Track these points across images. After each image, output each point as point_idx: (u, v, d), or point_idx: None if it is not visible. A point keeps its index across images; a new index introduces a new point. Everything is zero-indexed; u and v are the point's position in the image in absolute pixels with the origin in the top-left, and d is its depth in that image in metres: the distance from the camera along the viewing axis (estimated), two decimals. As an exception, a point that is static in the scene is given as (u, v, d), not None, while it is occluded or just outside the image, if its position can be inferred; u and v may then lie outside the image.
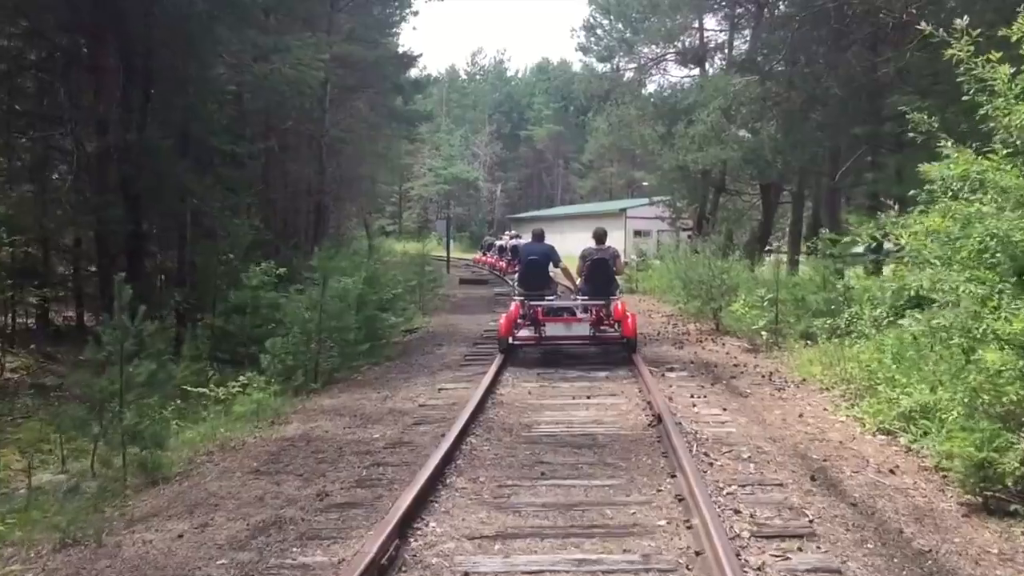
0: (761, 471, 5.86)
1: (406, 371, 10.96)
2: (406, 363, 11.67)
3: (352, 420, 7.91)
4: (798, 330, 11.71)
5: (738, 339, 13.04)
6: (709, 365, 10.80)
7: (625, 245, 47.14)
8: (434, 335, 15.00)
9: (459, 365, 11.21)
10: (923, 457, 6.17)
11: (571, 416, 7.80)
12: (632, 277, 25.17)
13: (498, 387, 9.31)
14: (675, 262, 20.64)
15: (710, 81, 18.11)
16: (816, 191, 21.06)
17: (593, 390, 9.10)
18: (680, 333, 14.22)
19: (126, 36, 12.08)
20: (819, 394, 8.75)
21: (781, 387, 9.20)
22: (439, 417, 7.80)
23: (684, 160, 22.01)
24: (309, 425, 7.72)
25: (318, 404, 8.82)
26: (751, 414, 7.82)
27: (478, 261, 40.22)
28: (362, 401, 8.87)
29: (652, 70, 29.44)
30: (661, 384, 9.24)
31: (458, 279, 30.44)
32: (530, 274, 11.60)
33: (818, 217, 21.66)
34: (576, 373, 10.22)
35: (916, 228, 6.32)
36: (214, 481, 6.04)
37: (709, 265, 14.20)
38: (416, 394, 9.16)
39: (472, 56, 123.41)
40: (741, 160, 18.70)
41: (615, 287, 11.48)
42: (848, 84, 14.20)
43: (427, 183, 75.47)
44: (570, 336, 11.05)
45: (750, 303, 12.42)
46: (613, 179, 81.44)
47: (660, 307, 19.26)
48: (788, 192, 28.51)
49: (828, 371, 9.34)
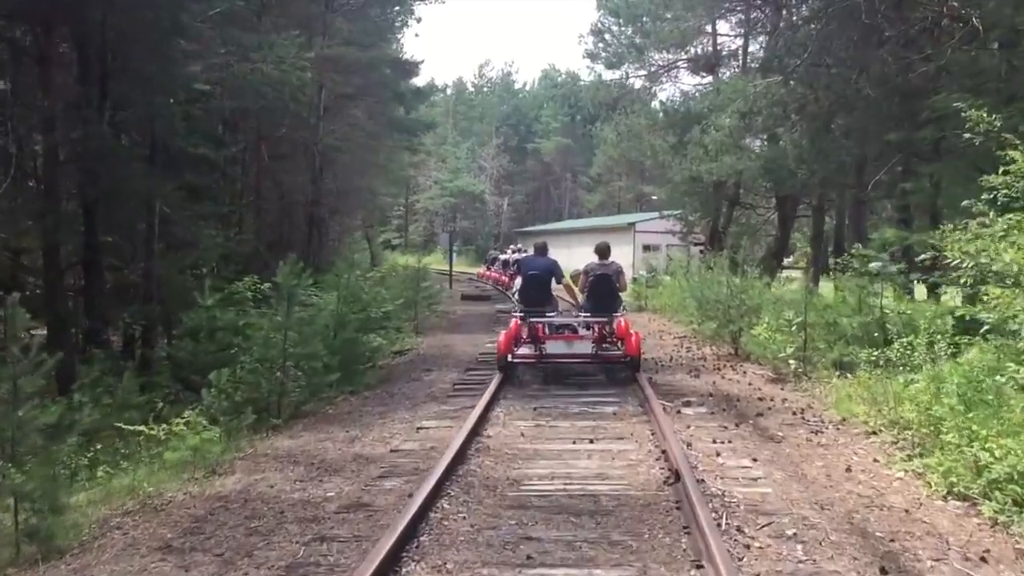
0: (813, 557, 4.51)
1: (385, 402, 9.64)
2: (387, 392, 10.35)
3: (307, 470, 6.58)
4: (829, 358, 10.35)
5: (760, 366, 11.68)
6: (731, 399, 9.45)
7: (634, 260, 45.88)
8: (425, 358, 13.69)
9: (447, 396, 9.89)
10: (1017, 538, 4.82)
11: (570, 467, 6.46)
12: (641, 294, 23.84)
13: (486, 426, 7.98)
14: (688, 279, 19.31)
15: (728, 84, 16.80)
16: (840, 204, 19.68)
17: (597, 431, 7.75)
18: (695, 358, 12.87)
19: (81, 25, 10.85)
20: (865, 440, 7.38)
21: (818, 429, 7.84)
22: (411, 468, 6.47)
23: (697, 171, 20.73)
24: (253, 477, 6.40)
25: (273, 446, 7.50)
26: (787, 466, 6.47)
27: (482, 276, 38.94)
28: (326, 443, 7.55)
29: (663, 78, 28.24)
30: (677, 424, 7.90)
31: (460, 295, 29.11)
32: (531, 289, 11.08)
33: (841, 231, 20.31)
34: (578, 408, 8.88)
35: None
36: (110, 562, 4.73)
37: (727, 284, 12.85)
38: (390, 434, 7.84)
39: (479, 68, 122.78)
40: (760, 170, 17.35)
41: (618, 304, 11.01)
42: (881, 85, 12.88)
43: (433, 196, 74.49)
44: (571, 354, 10.56)
45: (775, 326, 11.07)
46: (622, 193, 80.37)
47: (672, 327, 17.91)
48: (806, 205, 27.26)
49: (872, 410, 7.99)
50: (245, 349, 8.66)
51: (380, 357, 13.66)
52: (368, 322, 12.38)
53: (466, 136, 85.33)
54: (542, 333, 10.54)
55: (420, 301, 18.47)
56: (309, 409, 9.20)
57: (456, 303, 26.62)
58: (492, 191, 79.07)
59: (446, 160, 79.96)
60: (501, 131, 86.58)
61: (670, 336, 16.23)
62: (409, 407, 9.23)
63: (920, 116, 12.80)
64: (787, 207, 25.65)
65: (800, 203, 26.83)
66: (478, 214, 77.40)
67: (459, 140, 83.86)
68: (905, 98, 13.36)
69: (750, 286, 12.92)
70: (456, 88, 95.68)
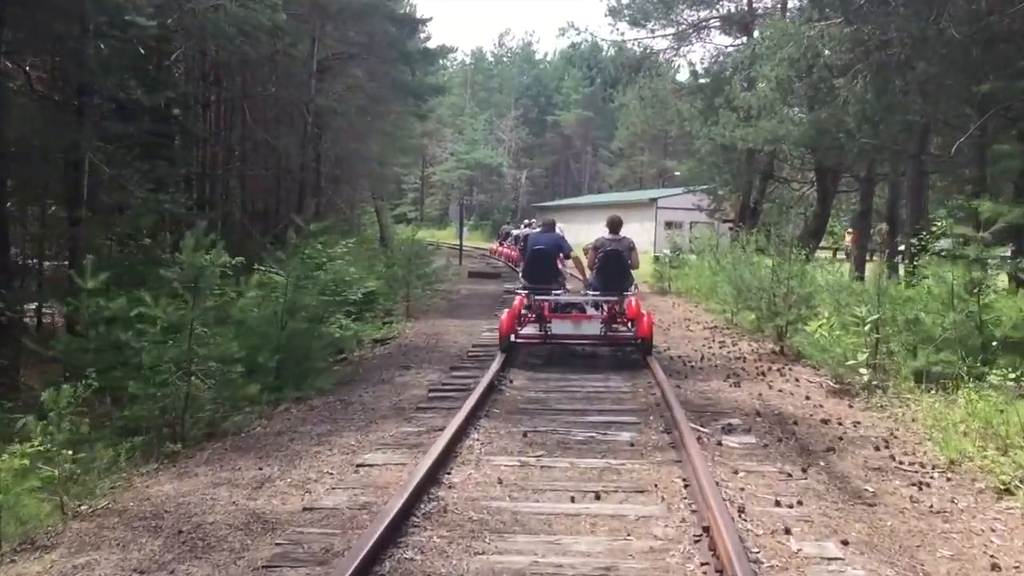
0: None
1: (334, 417, 7.43)
2: (343, 401, 8.12)
3: (163, 547, 4.36)
4: (910, 367, 8.03)
5: (815, 371, 9.36)
6: (785, 420, 7.16)
7: (656, 237, 43.52)
8: (407, 350, 11.48)
9: (415, 408, 7.67)
10: None
11: (562, 553, 4.19)
12: (664, 275, 21.47)
13: (453, 464, 5.74)
14: (717, 259, 16.94)
15: (777, 26, 14.22)
16: (894, 175, 17.17)
17: (607, 476, 5.49)
18: (732, 357, 10.56)
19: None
20: (997, 503, 5.08)
21: (922, 479, 5.53)
22: (318, 551, 4.24)
23: (731, 136, 18.25)
24: (75, 562, 4.19)
25: (144, 495, 5.28)
26: (897, 558, 4.19)
27: (495, 252, 36.68)
28: (220, 489, 5.33)
29: (692, 38, 25.57)
30: (720, 466, 5.64)
31: (468, 272, 26.87)
32: (536, 265, 10.44)
33: (895, 208, 17.82)
34: (583, 432, 6.60)
35: None
36: None
37: (773, 268, 10.51)
38: (318, 475, 5.62)
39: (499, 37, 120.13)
40: (805, 136, 14.79)
41: (630, 282, 10.27)
42: (967, 24, 10.39)
43: (449, 168, 72.29)
44: (579, 335, 10.03)
45: (837, 323, 8.75)
46: (644, 168, 77.97)
47: (699, 314, 15.59)
48: (849, 178, 24.73)
49: (993, 449, 5.70)
50: (138, 349, 6.43)
51: (354, 348, 11.53)
52: (332, 307, 10.17)
53: (484, 107, 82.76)
54: (548, 312, 9.88)
55: (414, 280, 16.20)
56: (231, 426, 7.00)
57: (462, 281, 24.47)
58: (510, 164, 76.73)
59: (463, 132, 77.62)
60: (520, 102, 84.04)
61: (698, 326, 13.93)
62: (361, 425, 7.01)
63: (1017, 64, 10.34)
64: (827, 180, 23.13)
65: (842, 176, 24.33)
66: (495, 187, 75.15)
67: (477, 111, 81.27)
68: (993, 43, 10.88)
69: (800, 271, 10.57)
70: (474, 57, 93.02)
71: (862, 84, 11.90)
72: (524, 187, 78.25)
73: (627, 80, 26.18)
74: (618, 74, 26.06)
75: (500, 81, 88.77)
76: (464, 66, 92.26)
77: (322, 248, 9.35)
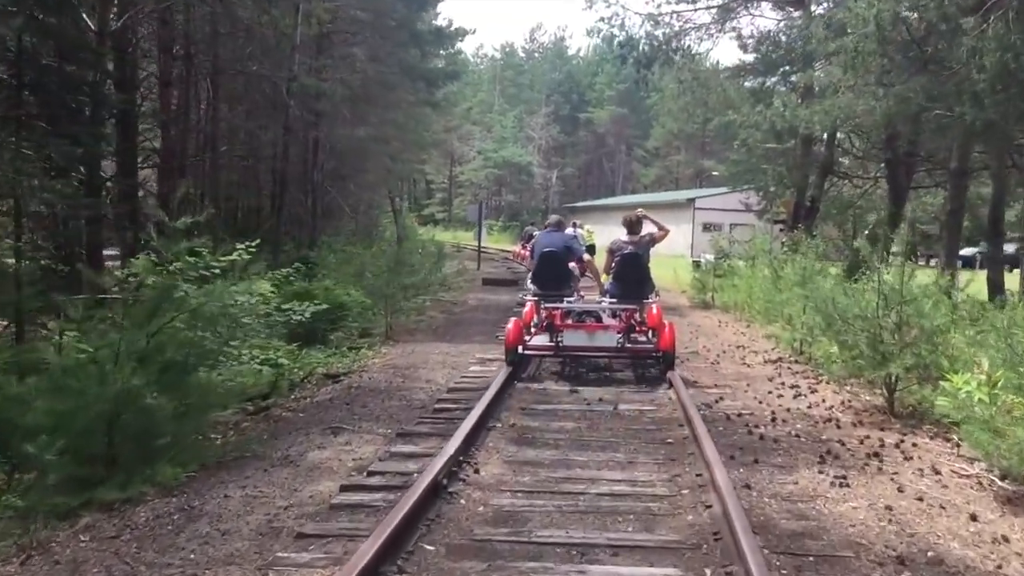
0: None
1: (145, 553, 4.24)
2: (184, 512, 4.86)
3: None
4: None
5: (953, 446, 6.04)
6: (958, 583, 3.86)
7: (693, 239, 40.28)
8: (358, 393, 8.31)
9: (295, 536, 4.45)
10: None
11: None
12: (706, 285, 18.13)
13: None
14: (775, 269, 13.57)
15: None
16: (998, 166, 13.70)
17: None
18: (820, 418, 7.19)
19: None
20: None
21: None
22: None
23: (791, 118, 14.87)
24: None
25: None
26: None
27: (517, 255, 33.50)
28: None
29: (739, 9, 22.16)
30: None
31: (482, 279, 23.68)
32: (545, 270, 9.78)
33: (1000, 203, 14.34)
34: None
35: None
36: None
37: (879, 291, 7.13)
38: None
39: (531, 32, 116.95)
40: (903, 107, 11.29)
41: (650, 288, 9.58)
42: None
43: (476, 167, 69.38)
44: (594, 347, 9.11)
45: (1001, 379, 5.40)
46: (680, 168, 74.82)
47: (755, 339, 12.26)
48: (924, 172, 21.25)
49: None
50: None
51: (284, 389, 8.44)
52: (237, 338, 6.99)
53: (513, 104, 79.75)
54: (559, 321, 9.14)
55: (395, 294, 13.01)
56: None
57: (474, 289, 21.38)
58: (540, 163, 73.68)
59: (491, 129, 74.70)
60: (552, 99, 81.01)
61: (757, 357, 10.60)
62: (174, 584, 3.82)
63: None
64: (900, 174, 19.65)
65: (916, 171, 20.82)
66: (524, 187, 72.15)
67: (506, 108, 78.31)
68: None
69: (922, 293, 7.19)
70: (504, 52, 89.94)
71: (1003, 25, 8.46)
72: (555, 187, 75.17)
73: (664, 60, 22.86)
74: (653, 53, 22.71)
75: (531, 77, 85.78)
76: (494, 61, 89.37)
77: (200, 259, 6.14)
